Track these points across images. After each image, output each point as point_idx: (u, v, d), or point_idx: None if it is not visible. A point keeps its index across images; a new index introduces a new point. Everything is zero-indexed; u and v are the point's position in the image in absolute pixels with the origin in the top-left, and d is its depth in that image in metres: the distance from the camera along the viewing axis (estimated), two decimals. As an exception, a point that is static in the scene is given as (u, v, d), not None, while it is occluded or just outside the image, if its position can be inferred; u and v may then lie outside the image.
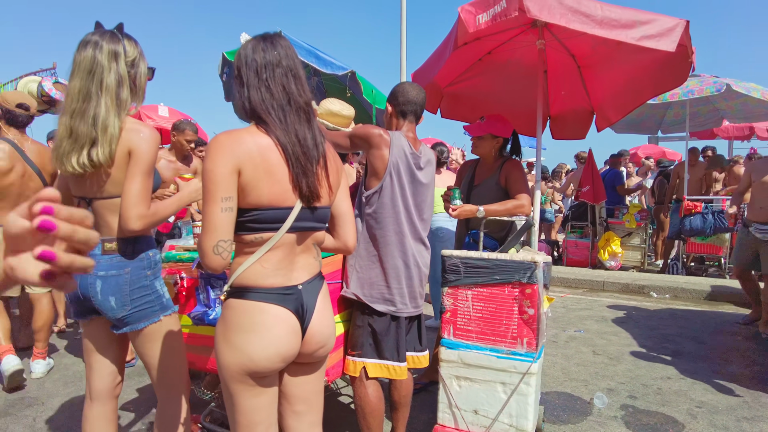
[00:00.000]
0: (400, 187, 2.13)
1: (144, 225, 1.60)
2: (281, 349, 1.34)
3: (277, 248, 1.34)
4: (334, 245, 1.64)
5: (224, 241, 1.26)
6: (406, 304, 2.17)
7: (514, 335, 2.29)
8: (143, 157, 1.60)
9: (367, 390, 2.14)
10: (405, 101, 2.25)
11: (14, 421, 2.77)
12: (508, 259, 2.32)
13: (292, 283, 1.38)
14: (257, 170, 1.28)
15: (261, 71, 1.33)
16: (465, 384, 2.38)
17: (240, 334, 1.31)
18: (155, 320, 1.74)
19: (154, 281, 1.76)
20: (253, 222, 1.31)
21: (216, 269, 1.28)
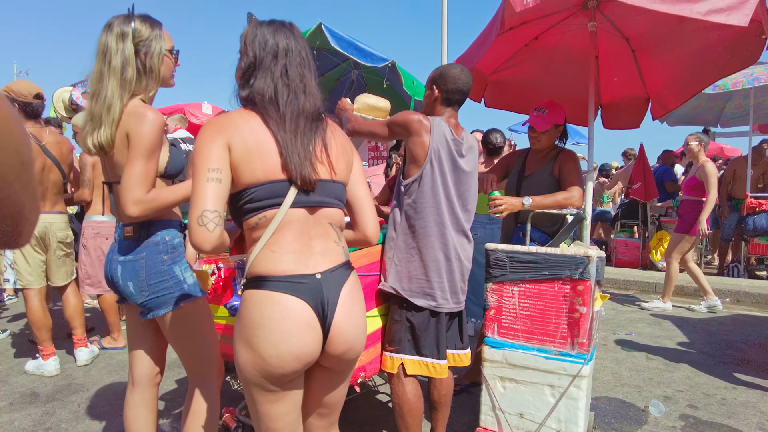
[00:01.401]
0: (442, 175, 2.02)
1: (142, 211, 1.52)
2: (293, 346, 1.19)
3: (285, 227, 1.23)
4: (354, 237, 1.48)
5: (209, 211, 1.15)
6: (447, 299, 2.06)
7: (564, 335, 2.14)
8: (140, 140, 1.53)
9: (405, 388, 2.04)
10: (454, 88, 2.12)
11: (61, 406, 2.84)
12: (558, 253, 2.17)
13: (308, 271, 1.24)
14: (247, 144, 1.21)
15: (281, 57, 1.30)
16: (510, 385, 2.24)
17: (250, 330, 1.19)
18: (175, 306, 1.67)
19: (172, 266, 1.68)
20: (252, 200, 1.22)
21: (201, 245, 1.15)
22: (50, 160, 3.28)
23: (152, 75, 1.66)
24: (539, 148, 2.73)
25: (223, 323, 2.40)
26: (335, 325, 1.26)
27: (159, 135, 1.57)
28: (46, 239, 3.31)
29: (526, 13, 2.52)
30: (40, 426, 2.61)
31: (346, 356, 1.31)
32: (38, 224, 3.23)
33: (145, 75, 1.64)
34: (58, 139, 3.40)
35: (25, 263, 3.25)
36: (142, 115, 1.55)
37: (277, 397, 1.24)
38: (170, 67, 1.75)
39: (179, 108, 8.36)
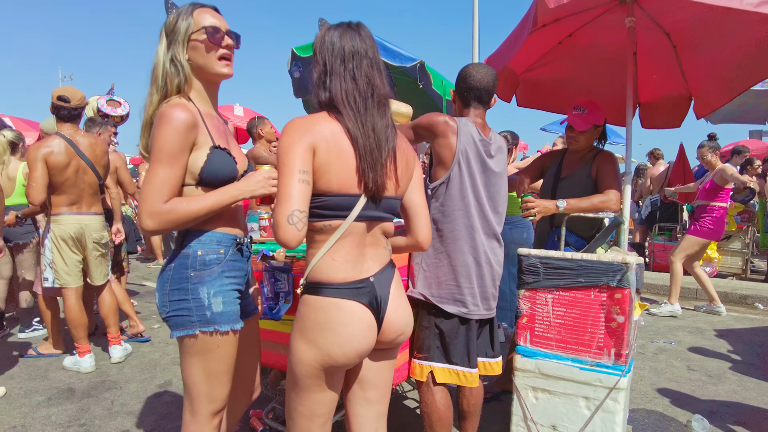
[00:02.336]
0: (470, 176, 1.96)
1: (157, 225, 1.34)
2: (357, 345, 1.32)
3: (346, 237, 1.31)
4: (406, 243, 1.56)
5: (300, 211, 1.22)
6: (477, 306, 2.00)
7: (600, 345, 2.04)
8: (154, 143, 1.36)
9: (434, 396, 1.99)
10: (469, 85, 2.07)
11: (95, 403, 2.90)
12: (594, 259, 2.07)
13: (363, 276, 1.35)
14: (330, 153, 1.27)
15: (348, 60, 1.33)
16: (542, 396, 2.16)
17: (317, 331, 1.30)
18: (190, 332, 1.45)
19: (198, 285, 1.45)
20: (321, 208, 1.29)
21: (289, 243, 1.21)
22: (84, 162, 3.36)
23: (182, 67, 1.48)
24: (577, 148, 2.64)
25: (250, 326, 2.40)
26: (388, 318, 1.39)
27: (181, 136, 1.37)
28: (83, 240, 3.39)
29: (559, 10, 2.43)
30: (75, 422, 2.67)
31: (397, 341, 1.46)
32: (74, 225, 3.36)
33: (176, 72, 1.48)
34: (92, 141, 3.46)
35: (62, 263, 3.35)
36: (161, 115, 1.38)
37: (329, 384, 1.36)
38: (203, 52, 1.49)
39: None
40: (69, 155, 3.28)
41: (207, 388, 1.50)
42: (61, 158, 3.23)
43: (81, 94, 3.38)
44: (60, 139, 3.27)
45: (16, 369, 3.47)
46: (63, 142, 3.27)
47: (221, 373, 1.52)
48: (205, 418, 1.52)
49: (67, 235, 3.32)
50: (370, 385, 1.49)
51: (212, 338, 1.47)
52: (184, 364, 1.51)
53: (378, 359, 1.48)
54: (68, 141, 3.30)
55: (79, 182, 3.36)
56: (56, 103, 3.29)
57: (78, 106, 3.37)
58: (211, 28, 1.48)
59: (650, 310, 5.10)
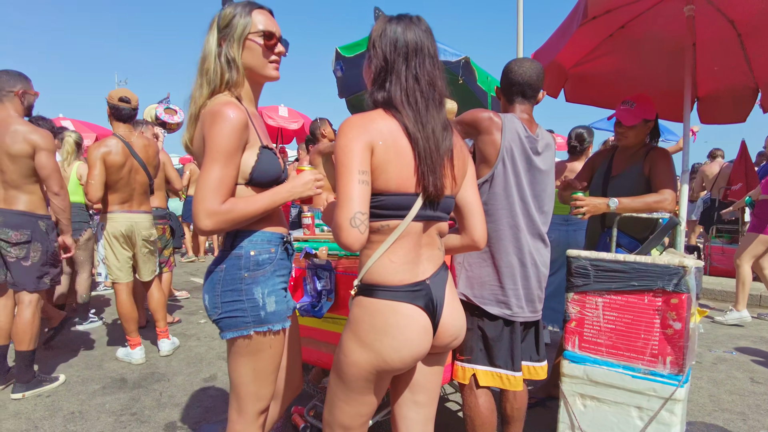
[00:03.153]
0: (515, 174, 1.90)
1: (215, 224, 1.33)
2: (414, 349, 1.29)
3: (403, 238, 1.29)
4: (460, 242, 1.51)
5: (362, 213, 1.19)
6: (522, 308, 1.93)
7: (654, 352, 1.93)
8: (214, 142, 1.34)
9: (478, 400, 1.94)
10: (511, 81, 2.02)
11: (144, 393, 3.01)
12: (649, 262, 1.97)
13: (419, 278, 1.32)
14: (388, 151, 1.24)
15: (411, 57, 1.28)
16: (591, 404, 2.06)
17: (372, 334, 1.27)
18: (244, 333, 1.45)
19: (252, 286, 1.45)
20: (379, 207, 1.26)
21: (352, 246, 1.18)
22: (137, 162, 3.50)
23: (234, 64, 1.46)
24: (626, 144, 2.51)
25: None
26: (443, 322, 1.35)
27: (237, 136, 1.37)
28: (133, 237, 3.53)
29: (612, 1, 2.32)
30: (127, 411, 2.78)
31: (452, 345, 1.43)
32: (125, 223, 3.48)
33: (229, 67, 1.46)
34: (145, 142, 3.61)
35: (114, 259, 3.50)
36: (216, 113, 1.35)
37: (379, 388, 1.34)
38: (258, 54, 1.50)
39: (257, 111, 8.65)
40: (124, 155, 3.42)
41: (255, 387, 1.51)
42: (118, 158, 3.37)
43: (137, 96, 3.53)
44: (117, 140, 3.42)
45: (74, 359, 3.66)
46: (120, 143, 3.41)
47: (269, 372, 1.53)
48: (252, 416, 1.54)
49: (118, 232, 3.46)
50: (420, 389, 1.47)
51: (265, 338, 1.48)
52: (234, 363, 1.51)
53: (429, 363, 1.45)
54: (124, 142, 3.44)
55: (132, 182, 3.50)
56: (117, 104, 3.42)
57: (136, 107, 3.53)
58: (268, 32, 1.50)
59: (714, 317, 4.82)
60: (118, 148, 3.39)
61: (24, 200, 2.96)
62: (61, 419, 2.69)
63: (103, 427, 2.61)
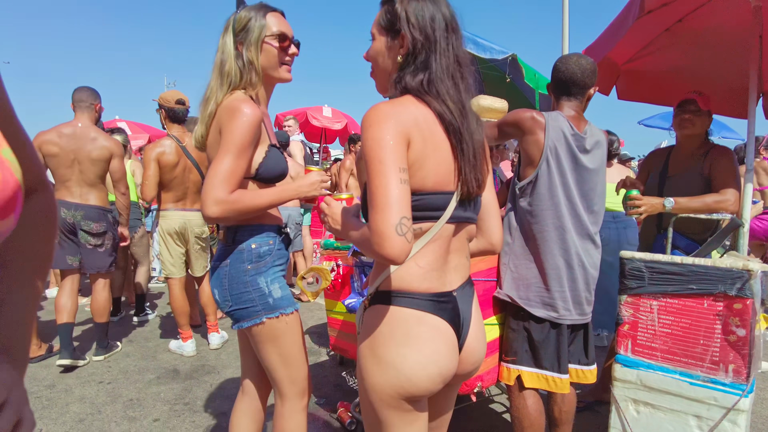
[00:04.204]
0: (560, 174, 1.86)
1: (221, 212, 1.36)
2: (443, 367, 1.10)
3: (434, 242, 1.12)
4: (477, 246, 1.34)
5: (407, 218, 0.99)
6: (569, 310, 1.89)
7: (715, 359, 1.85)
8: (230, 135, 1.40)
9: (526, 401, 1.91)
10: (557, 78, 1.98)
11: (196, 384, 3.14)
12: (709, 265, 1.88)
13: (446, 288, 1.14)
14: (426, 145, 1.07)
15: (450, 33, 1.12)
16: (645, 410, 2.00)
17: (393, 348, 1.08)
18: (257, 321, 1.52)
19: (256, 277, 1.52)
20: (413, 209, 1.06)
21: (398, 258, 0.97)
22: (190, 161, 3.65)
23: (252, 68, 1.52)
24: (692, 133, 2.41)
25: (341, 318, 2.47)
26: (468, 345, 1.18)
27: (252, 131, 1.42)
28: (186, 234, 3.69)
29: (671, -7, 2.24)
30: (180, 400, 2.90)
31: (471, 374, 1.25)
32: (178, 220, 3.64)
33: (246, 68, 1.51)
34: None
35: (168, 255, 3.66)
36: (234, 109, 1.41)
37: (415, 417, 1.13)
38: (273, 56, 1.54)
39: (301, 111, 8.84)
40: (178, 155, 3.57)
41: (286, 371, 1.58)
42: (172, 158, 3.53)
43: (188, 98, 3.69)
44: (171, 141, 3.58)
45: (131, 348, 3.85)
46: (174, 143, 3.57)
47: (295, 354, 1.59)
48: (293, 400, 1.60)
49: (172, 229, 3.62)
50: (435, 414, 1.31)
51: (279, 322, 1.54)
52: (260, 353, 1.58)
53: (444, 394, 1.28)
54: (178, 142, 3.59)
55: (185, 180, 3.65)
56: (174, 107, 3.59)
57: (189, 108, 3.70)
58: (282, 34, 1.54)
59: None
60: (173, 148, 3.55)
61: (96, 197, 3.49)
62: (121, 405, 2.83)
63: (158, 414, 2.73)
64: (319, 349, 3.83)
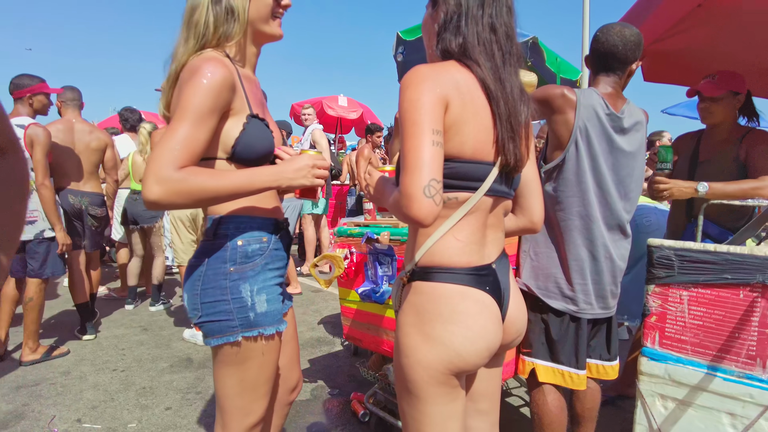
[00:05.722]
0: (591, 158, 1.74)
1: (162, 195, 1.05)
2: (491, 341, 1.10)
3: (472, 215, 1.10)
4: (516, 224, 1.32)
5: (436, 180, 0.98)
6: (591, 304, 1.79)
7: (752, 354, 1.74)
8: (182, 99, 1.11)
9: (546, 398, 1.82)
10: (594, 51, 1.82)
11: (208, 374, 3.11)
12: (746, 253, 1.76)
13: (485, 262, 1.14)
14: (465, 109, 1.04)
15: (487, 3, 1.10)
16: (673, 406, 1.89)
17: (440, 324, 1.07)
18: (230, 339, 1.21)
19: (238, 282, 1.21)
20: (449, 176, 1.05)
21: (425, 220, 0.97)
22: None
23: (233, 17, 1.22)
24: (713, 122, 2.27)
25: (354, 307, 2.41)
26: (510, 314, 1.20)
27: (216, 95, 1.12)
28: (197, 220, 3.68)
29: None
30: (192, 389, 2.88)
31: (515, 342, 1.27)
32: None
33: (225, 19, 1.22)
34: None
35: (179, 242, 3.66)
36: (197, 68, 1.12)
37: (457, 394, 1.12)
38: (266, 4, 1.27)
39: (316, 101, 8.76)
40: None
41: (242, 401, 1.28)
42: None
43: None
44: None
45: (145, 337, 3.85)
46: None
47: (261, 383, 1.29)
48: None
49: (184, 215, 3.62)
50: (482, 396, 1.30)
51: (256, 344, 1.25)
52: (218, 374, 1.28)
53: (490, 365, 1.28)
54: None
55: None
56: None
57: None
58: None
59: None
60: None
61: (94, 184, 3.80)
62: (134, 393, 2.82)
63: (171, 403, 2.71)
64: (333, 339, 3.79)
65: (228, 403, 1.28)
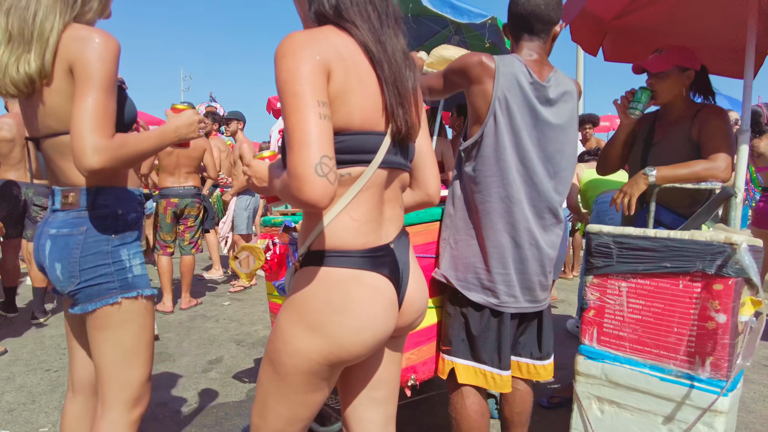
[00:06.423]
0: (512, 132, 1.55)
1: (105, 161, 1.12)
2: (379, 330, 1.03)
3: (367, 190, 1.02)
4: (413, 198, 1.25)
5: (329, 158, 0.89)
6: (514, 297, 1.60)
7: (691, 351, 1.55)
8: (93, 70, 1.14)
9: (465, 401, 1.64)
10: (514, 14, 1.63)
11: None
12: (686, 238, 1.58)
13: (383, 242, 1.06)
14: (350, 75, 0.96)
15: None
16: (610, 410, 1.71)
17: (328, 314, 0.99)
18: (110, 301, 1.26)
19: (120, 248, 1.29)
20: (339, 152, 0.96)
21: (321, 201, 0.88)
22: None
23: None
24: (662, 101, 2.09)
25: (280, 303, 2.23)
26: (409, 295, 1.12)
27: (116, 66, 1.19)
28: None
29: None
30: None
31: (415, 324, 1.20)
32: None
33: None
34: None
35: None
36: (96, 34, 1.17)
37: (326, 384, 1.07)
38: None
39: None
40: None
41: (123, 369, 1.29)
42: None
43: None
44: None
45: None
46: None
47: (141, 349, 1.32)
48: (120, 409, 1.30)
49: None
50: (379, 383, 1.21)
51: (135, 304, 1.31)
52: (95, 341, 1.28)
53: (389, 349, 1.20)
54: None
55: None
56: None
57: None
58: None
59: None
60: None
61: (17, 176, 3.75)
62: (59, 395, 2.65)
63: (95, 405, 2.54)
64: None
65: (109, 373, 1.29)
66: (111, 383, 1.29)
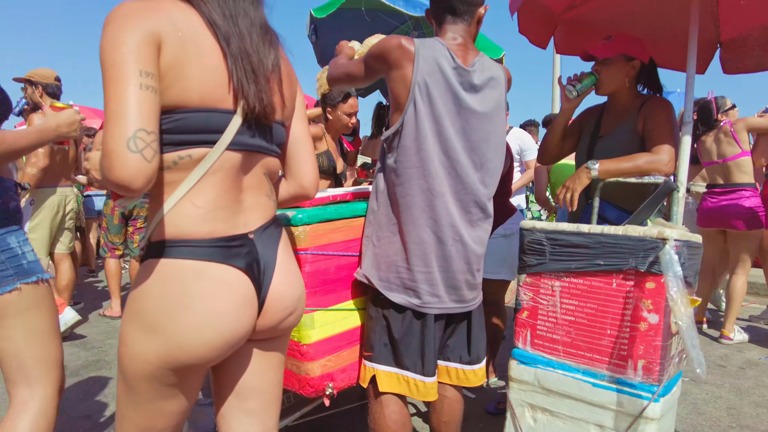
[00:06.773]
0: (434, 120, 1.43)
1: None
2: (227, 330, 0.94)
3: (214, 174, 0.93)
4: (287, 190, 1.18)
5: (147, 132, 0.80)
6: (438, 296, 1.48)
7: (623, 354, 1.46)
8: None
9: (384, 410, 1.51)
10: None
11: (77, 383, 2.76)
12: (619, 234, 1.48)
13: (238, 231, 0.97)
14: (186, 48, 0.88)
15: None
16: (542, 418, 1.60)
17: (164, 312, 0.91)
18: (8, 288, 1.27)
19: (5, 236, 1.30)
20: (176, 131, 0.89)
21: (132, 182, 0.79)
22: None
23: None
24: (606, 91, 2.00)
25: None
26: (273, 291, 1.03)
27: None
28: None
29: None
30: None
31: (287, 323, 1.08)
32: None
33: None
34: None
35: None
36: None
37: (177, 391, 0.98)
38: None
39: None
40: None
41: (40, 350, 1.33)
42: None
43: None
44: None
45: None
46: None
47: (51, 330, 1.36)
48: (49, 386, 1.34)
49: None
50: (251, 392, 1.10)
51: (37, 289, 1.33)
52: (4, 332, 1.29)
53: (262, 352, 1.09)
54: None
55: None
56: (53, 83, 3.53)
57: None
58: None
59: (750, 315, 4.15)
60: None
61: None
62: (-25, 408, 2.46)
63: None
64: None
65: (26, 356, 1.30)
66: (33, 365, 1.32)
